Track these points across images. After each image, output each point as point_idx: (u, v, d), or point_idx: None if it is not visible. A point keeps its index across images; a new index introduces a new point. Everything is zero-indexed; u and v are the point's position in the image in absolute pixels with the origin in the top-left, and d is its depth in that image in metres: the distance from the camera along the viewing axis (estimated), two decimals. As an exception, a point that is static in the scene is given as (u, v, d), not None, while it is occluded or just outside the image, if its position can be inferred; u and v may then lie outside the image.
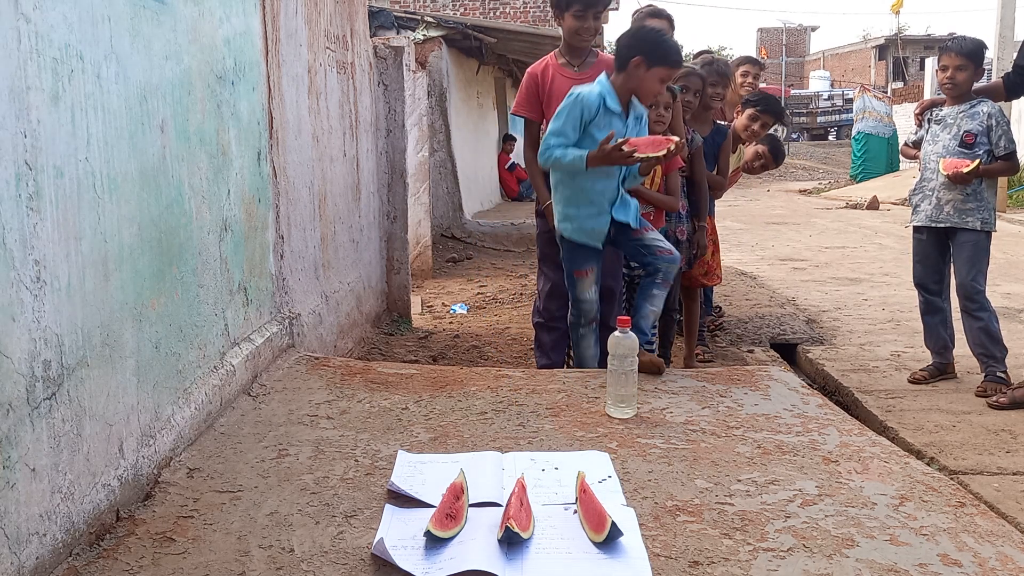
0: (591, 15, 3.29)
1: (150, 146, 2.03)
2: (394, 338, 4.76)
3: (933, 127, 3.91)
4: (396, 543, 1.66)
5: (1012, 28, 12.26)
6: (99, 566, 1.61)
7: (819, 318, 5.53)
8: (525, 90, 3.40)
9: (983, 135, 3.74)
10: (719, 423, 2.42)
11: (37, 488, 1.54)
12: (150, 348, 2.03)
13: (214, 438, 2.25)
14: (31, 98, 1.55)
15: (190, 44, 2.27)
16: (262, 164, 2.87)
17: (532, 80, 3.38)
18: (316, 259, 3.59)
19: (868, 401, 3.75)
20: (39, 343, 1.56)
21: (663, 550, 1.67)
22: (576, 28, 3.29)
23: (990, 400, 3.59)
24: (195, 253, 2.31)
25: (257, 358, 2.73)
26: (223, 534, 1.74)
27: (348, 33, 4.23)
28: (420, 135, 7.13)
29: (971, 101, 3.79)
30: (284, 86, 3.13)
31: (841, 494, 1.94)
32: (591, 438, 2.29)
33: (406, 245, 5.14)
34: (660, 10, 3.84)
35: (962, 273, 3.80)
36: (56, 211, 1.62)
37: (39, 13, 1.58)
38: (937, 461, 3.02)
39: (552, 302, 3.42)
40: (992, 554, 1.67)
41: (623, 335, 2.48)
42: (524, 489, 1.85)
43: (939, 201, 3.83)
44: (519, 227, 9.03)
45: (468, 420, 2.44)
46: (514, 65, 12.39)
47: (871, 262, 8.07)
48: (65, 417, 1.64)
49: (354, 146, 4.30)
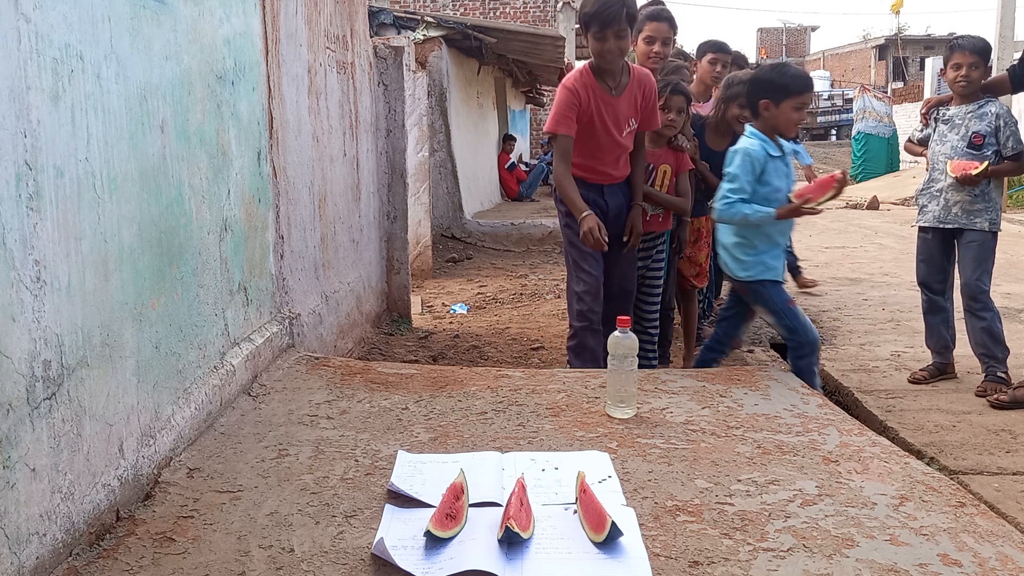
0: (611, 35, 3.12)
1: (150, 146, 2.03)
2: (394, 338, 4.76)
3: (940, 127, 3.89)
4: (396, 543, 1.66)
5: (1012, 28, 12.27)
6: (99, 566, 1.61)
7: (819, 318, 5.53)
8: (565, 106, 3.20)
9: (991, 135, 3.72)
10: (719, 423, 2.42)
11: (37, 488, 1.54)
12: (150, 348, 2.03)
13: (214, 438, 2.25)
14: (31, 98, 1.55)
15: (190, 44, 2.27)
16: (262, 164, 2.87)
17: (572, 96, 3.19)
18: (316, 259, 3.59)
19: (868, 401, 3.75)
20: (39, 343, 1.56)
21: (663, 550, 1.67)
22: (599, 50, 3.16)
23: (991, 398, 3.59)
24: (195, 253, 2.31)
25: (257, 358, 2.73)
26: (223, 534, 1.74)
27: (348, 33, 4.23)
28: (420, 135, 7.12)
29: (979, 101, 3.78)
30: (284, 86, 3.13)
31: (841, 494, 1.94)
32: (591, 438, 2.29)
33: (406, 245, 5.14)
34: (660, 10, 3.76)
35: (967, 273, 3.79)
36: (56, 211, 1.62)
37: (39, 13, 1.58)
38: (937, 461, 3.02)
39: (596, 302, 3.27)
40: (992, 554, 1.67)
41: (623, 335, 2.48)
42: (524, 489, 1.85)
43: (947, 202, 3.82)
44: (519, 227, 9.03)
45: (468, 420, 2.44)
46: (514, 65, 12.39)
47: (871, 262, 8.07)
48: (65, 417, 1.64)
49: (354, 146, 4.30)
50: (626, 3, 3.09)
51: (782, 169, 3.16)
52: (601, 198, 3.29)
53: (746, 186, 3.07)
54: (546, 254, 8.38)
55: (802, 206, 3.05)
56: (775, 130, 3.16)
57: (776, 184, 3.11)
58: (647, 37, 3.67)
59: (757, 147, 3.10)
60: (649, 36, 3.67)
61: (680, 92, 3.55)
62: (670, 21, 3.73)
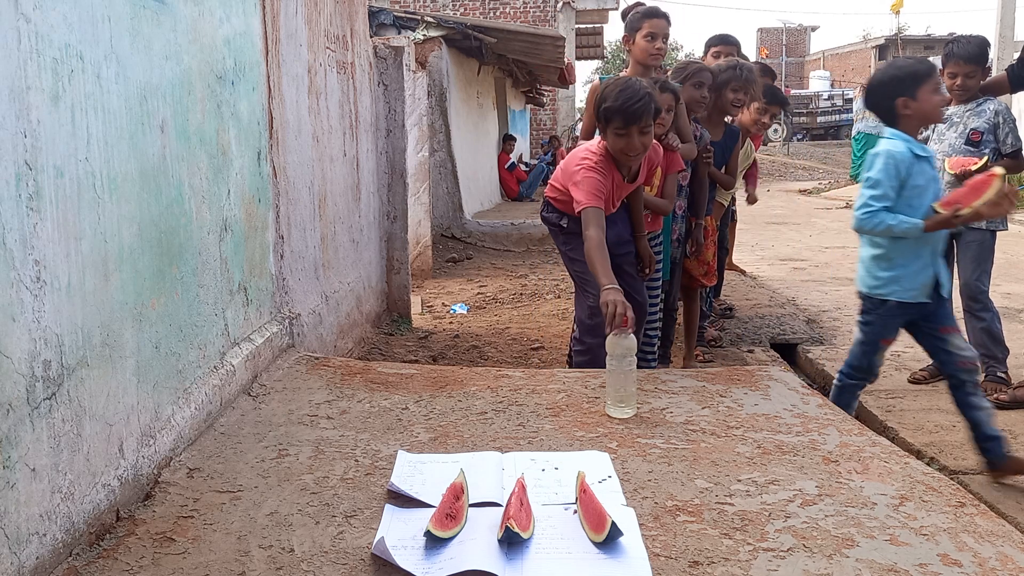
0: (635, 132, 2.90)
1: (150, 146, 2.03)
2: (394, 338, 4.76)
3: (939, 126, 3.90)
4: (396, 543, 1.66)
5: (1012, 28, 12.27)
6: (99, 566, 1.61)
7: (819, 318, 5.53)
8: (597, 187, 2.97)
9: (989, 132, 3.73)
10: (719, 423, 2.42)
11: (37, 488, 1.54)
12: (150, 348, 2.03)
13: (214, 438, 2.25)
14: (31, 98, 1.55)
15: (190, 44, 2.27)
16: (262, 164, 2.87)
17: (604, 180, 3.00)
18: (316, 259, 3.59)
19: (868, 401, 3.75)
20: (39, 343, 1.56)
21: (663, 550, 1.67)
22: (621, 147, 2.94)
23: (991, 398, 3.59)
24: (195, 253, 2.31)
25: (257, 358, 2.73)
26: (223, 534, 1.74)
27: (348, 33, 4.23)
28: (420, 135, 7.12)
29: (977, 100, 3.79)
30: (284, 86, 3.13)
31: (841, 494, 1.94)
32: (591, 438, 2.29)
33: (406, 245, 5.14)
34: (656, 9, 3.71)
35: (967, 273, 3.80)
36: (56, 211, 1.62)
37: (39, 13, 1.58)
38: (937, 461, 3.02)
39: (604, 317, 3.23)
40: (992, 554, 1.67)
41: (621, 336, 2.47)
42: (524, 489, 1.85)
43: None
44: (519, 227, 9.03)
45: (468, 420, 2.44)
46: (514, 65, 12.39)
47: (871, 262, 8.06)
48: (65, 417, 1.64)
49: (354, 146, 4.30)
50: (652, 97, 2.93)
51: (929, 171, 2.84)
52: None
53: (890, 192, 2.77)
54: (546, 254, 8.38)
55: (953, 216, 2.72)
56: (927, 121, 2.93)
57: (919, 185, 2.80)
58: (648, 34, 3.63)
59: (902, 148, 2.80)
60: (650, 33, 3.62)
61: (669, 90, 3.47)
62: (667, 19, 3.70)
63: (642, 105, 2.87)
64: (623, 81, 2.96)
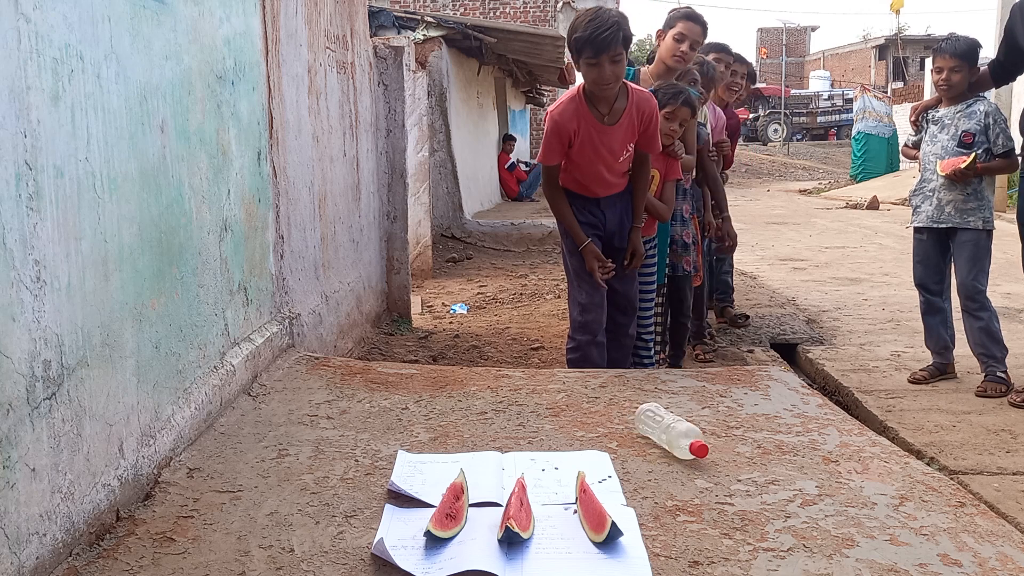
0: (606, 61, 2.86)
1: (150, 146, 2.03)
2: (394, 338, 4.76)
3: (931, 128, 3.91)
4: (396, 543, 1.66)
5: (1012, 28, 12.25)
6: (99, 566, 1.61)
7: (819, 318, 5.53)
8: (551, 139, 3.05)
9: (981, 134, 3.74)
10: (719, 423, 2.42)
11: (37, 488, 1.54)
12: (150, 348, 2.03)
13: (214, 438, 2.25)
14: (31, 98, 1.55)
15: (190, 44, 2.27)
16: (262, 164, 2.87)
17: (560, 129, 3.03)
18: (316, 259, 3.59)
19: (868, 401, 3.75)
20: (39, 343, 1.56)
21: (663, 550, 1.67)
22: (593, 78, 2.92)
23: (1010, 399, 3.58)
24: (195, 253, 2.31)
25: (257, 358, 2.73)
26: (223, 534, 1.74)
27: (348, 33, 4.23)
28: (420, 135, 7.12)
29: (967, 100, 3.80)
30: (284, 86, 3.13)
31: (841, 494, 1.94)
32: (591, 438, 2.29)
33: (406, 245, 5.14)
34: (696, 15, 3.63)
35: (963, 273, 3.80)
36: (56, 211, 1.62)
37: (39, 13, 1.58)
38: (937, 461, 3.02)
39: (600, 313, 3.17)
40: (992, 554, 1.66)
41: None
42: (524, 489, 1.85)
43: (940, 202, 3.83)
44: (519, 227, 9.03)
45: (468, 420, 2.44)
46: (514, 65, 12.39)
47: (871, 262, 8.07)
48: (65, 417, 1.64)
49: (354, 146, 4.30)
50: (622, 25, 2.86)
51: None
52: (599, 210, 3.19)
53: None
54: (546, 254, 8.39)
55: None
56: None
57: None
58: (678, 35, 3.55)
59: None
60: (680, 34, 3.55)
61: (689, 105, 3.46)
62: (704, 27, 3.61)
63: (610, 34, 2.83)
64: (593, 11, 2.94)
